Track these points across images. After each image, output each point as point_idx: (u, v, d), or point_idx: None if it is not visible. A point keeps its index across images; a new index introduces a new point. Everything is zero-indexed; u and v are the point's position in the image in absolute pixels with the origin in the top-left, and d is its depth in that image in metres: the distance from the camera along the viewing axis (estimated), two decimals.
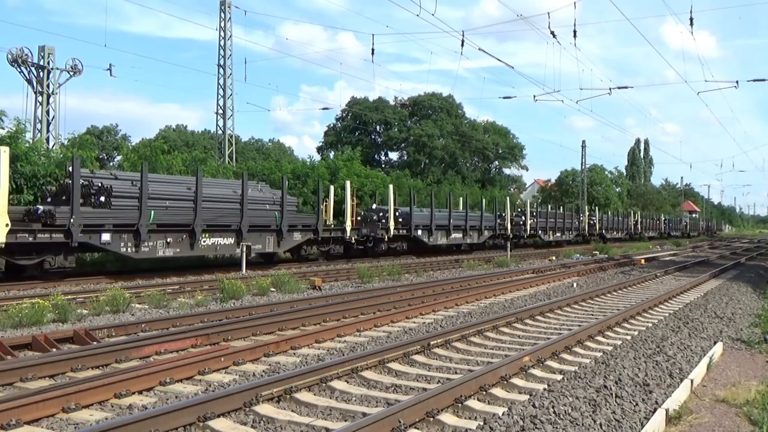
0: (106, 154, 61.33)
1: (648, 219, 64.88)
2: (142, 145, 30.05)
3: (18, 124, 19.16)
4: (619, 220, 56.42)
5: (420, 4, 17.34)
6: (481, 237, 33.04)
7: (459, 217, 31.11)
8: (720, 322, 11.33)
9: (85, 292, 13.05)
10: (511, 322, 10.57)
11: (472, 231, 31.98)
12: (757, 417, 5.79)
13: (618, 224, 55.08)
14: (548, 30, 21.59)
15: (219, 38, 32.14)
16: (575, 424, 5.38)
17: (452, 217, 29.95)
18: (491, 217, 34.53)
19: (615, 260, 28.04)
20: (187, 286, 14.91)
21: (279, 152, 74.88)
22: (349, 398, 6.23)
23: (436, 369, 7.54)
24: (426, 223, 27.91)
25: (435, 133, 64.39)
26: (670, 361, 7.88)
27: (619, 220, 56.62)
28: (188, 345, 8.40)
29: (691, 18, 20.84)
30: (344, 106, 66.80)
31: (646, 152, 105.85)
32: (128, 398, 6.05)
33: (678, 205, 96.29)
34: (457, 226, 30.62)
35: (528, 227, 38.07)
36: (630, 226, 58.66)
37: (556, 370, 7.48)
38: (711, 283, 18.74)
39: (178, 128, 73.91)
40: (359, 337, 9.45)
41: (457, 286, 15.91)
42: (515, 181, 79.00)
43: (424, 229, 27.88)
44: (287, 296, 13.99)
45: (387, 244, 25.64)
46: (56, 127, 25.06)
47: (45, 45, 24.65)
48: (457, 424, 5.42)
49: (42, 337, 8.28)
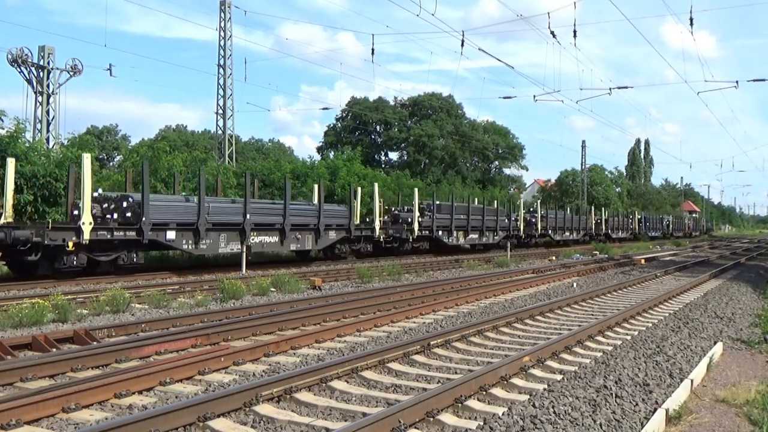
0: (106, 154, 61.39)
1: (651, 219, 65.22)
2: (143, 145, 30.06)
3: (18, 124, 19.18)
4: (623, 220, 57.29)
5: (420, 4, 17.37)
6: (496, 237, 34.61)
7: (476, 218, 32.58)
8: (720, 322, 11.33)
9: (85, 292, 13.06)
10: (511, 322, 10.57)
11: (487, 231, 33.61)
12: (757, 417, 5.78)
13: (623, 224, 55.86)
14: (548, 30, 21.62)
15: (219, 38, 32.20)
16: (575, 424, 5.38)
17: (470, 219, 31.64)
18: (505, 218, 36.17)
19: (615, 260, 28.03)
20: (187, 286, 14.91)
21: (279, 152, 74.94)
22: (349, 398, 6.23)
23: (436, 369, 7.54)
24: (446, 225, 29.57)
25: (435, 133, 64.40)
26: (670, 361, 7.88)
27: (624, 220, 57.57)
28: (188, 345, 8.40)
29: (691, 18, 20.87)
30: (344, 106, 66.96)
31: (646, 152, 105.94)
32: (128, 398, 6.05)
33: (678, 205, 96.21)
34: (474, 227, 32.26)
35: (539, 227, 39.76)
36: (634, 226, 59.21)
37: (556, 370, 7.48)
38: (711, 283, 18.74)
39: (178, 128, 73.98)
40: (359, 337, 9.45)
41: (457, 286, 15.91)
42: (515, 181, 78.98)
43: (444, 230, 29.59)
44: (287, 296, 13.99)
45: (411, 244, 27.44)
46: (56, 127, 25.13)
47: (45, 45, 24.72)
48: (457, 424, 5.42)
49: (42, 337, 8.28)
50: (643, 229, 59.83)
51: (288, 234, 20.80)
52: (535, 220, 39.91)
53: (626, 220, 57.47)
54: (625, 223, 56.52)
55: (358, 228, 24.27)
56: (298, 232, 21.42)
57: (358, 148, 44.47)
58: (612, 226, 53.06)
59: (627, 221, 57.27)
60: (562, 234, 43.12)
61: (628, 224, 57.53)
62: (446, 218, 29.58)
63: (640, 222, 60.17)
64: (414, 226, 27.10)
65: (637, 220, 59.36)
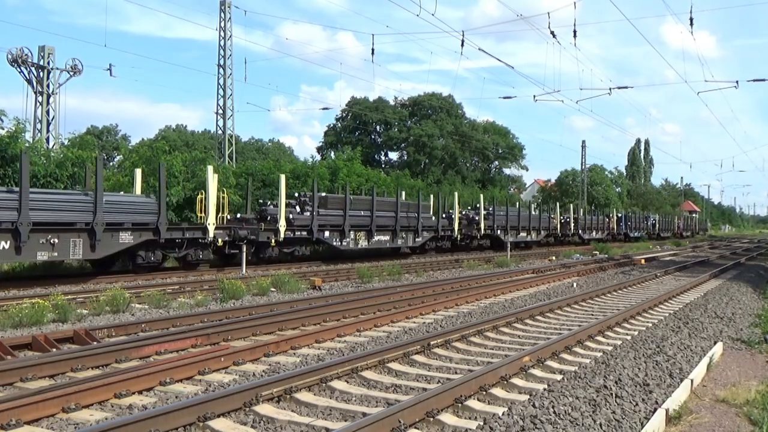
0: (106, 154, 61.35)
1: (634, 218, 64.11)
2: (143, 145, 30.04)
3: (18, 124, 19.16)
4: (640, 220, 57.90)
5: (420, 4, 17.35)
6: (539, 235, 38.97)
7: (525, 218, 37.32)
8: (720, 322, 11.33)
9: (85, 292, 13.06)
10: (511, 322, 10.57)
11: (533, 230, 37.95)
12: (757, 417, 5.78)
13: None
14: (548, 30, 21.60)
15: (219, 38, 32.18)
16: (575, 424, 5.38)
17: (520, 219, 36.36)
18: (546, 217, 40.86)
19: (615, 260, 28.03)
20: (187, 286, 14.91)
21: (279, 152, 74.96)
22: (349, 398, 6.23)
23: (436, 369, 7.54)
24: (503, 224, 34.20)
25: (435, 133, 64.41)
26: (670, 361, 7.88)
27: (641, 220, 58.27)
28: (188, 345, 8.40)
29: (691, 18, 20.87)
30: (344, 106, 66.95)
31: (646, 152, 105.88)
32: (128, 398, 6.05)
33: (678, 205, 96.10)
34: (524, 227, 36.86)
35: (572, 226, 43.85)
36: (649, 226, 59.25)
37: (556, 370, 7.48)
38: (711, 283, 18.74)
39: (178, 128, 74.00)
40: (359, 337, 9.45)
41: (457, 286, 15.91)
42: (515, 181, 79.00)
43: (502, 229, 34.17)
44: (287, 296, 13.99)
45: (477, 241, 32.53)
46: (56, 127, 25.09)
47: (45, 45, 24.68)
48: (457, 424, 5.42)
49: (42, 337, 8.28)
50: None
51: (399, 232, 25.94)
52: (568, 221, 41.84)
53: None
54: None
55: (443, 228, 29.54)
56: (405, 233, 26.61)
57: (358, 148, 44.47)
58: (630, 227, 52.60)
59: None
60: (590, 233, 44.57)
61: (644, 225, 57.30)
62: (503, 218, 34.37)
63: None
64: (480, 226, 31.96)
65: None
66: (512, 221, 35.16)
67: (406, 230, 26.63)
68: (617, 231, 51.36)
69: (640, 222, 58.28)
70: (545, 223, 39.94)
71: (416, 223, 27.01)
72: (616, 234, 52.54)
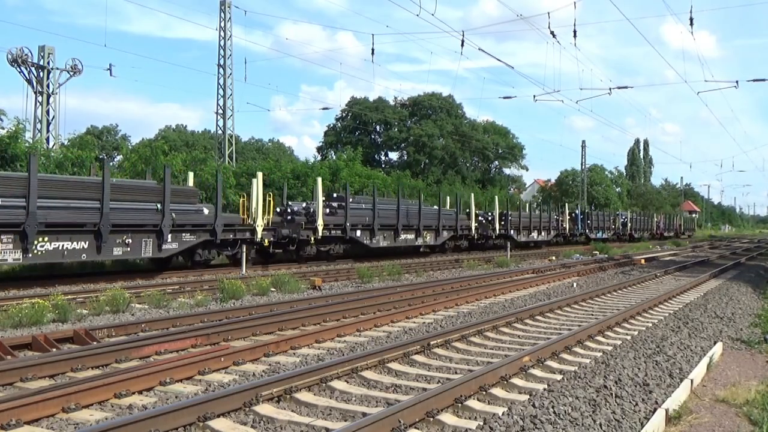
0: (106, 154, 61.30)
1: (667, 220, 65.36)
2: (142, 145, 30.05)
3: (18, 124, 19.18)
4: (645, 220, 58.58)
5: (420, 4, 17.31)
6: (549, 235, 40.27)
7: (536, 219, 38.74)
8: (720, 322, 11.33)
9: (85, 292, 13.06)
10: (511, 322, 10.57)
11: (543, 230, 39.26)
12: (757, 417, 5.78)
13: (644, 224, 56.85)
14: (548, 30, 21.59)
15: (219, 38, 32.22)
16: (575, 424, 5.38)
17: (531, 220, 37.85)
18: (555, 218, 42.34)
19: (615, 260, 28.03)
20: (187, 286, 14.91)
21: (279, 152, 74.87)
22: (349, 398, 6.23)
23: (436, 369, 7.54)
24: (517, 224, 35.70)
25: (435, 133, 64.40)
26: (670, 361, 7.88)
27: (646, 220, 58.94)
28: (188, 345, 8.40)
29: (691, 18, 20.85)
30: (344, 106, 66.92)
31: (646, 152, 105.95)
32: (128, 398, 6.05)
33: (678, 205, 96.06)
34: (535, 227, 38.14)
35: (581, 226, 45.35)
36: (653, 226, 59.60)
37: (556, 370, 7.48)
38: (711, 283, 18.74)
39: (178, 128, 73.92)
40: (359, 337, 9.45)
41: (457, 286, 15.91)
42: (515, 181, 79.00)
43: (515, 229, 35.61)
44: (287, 296, 13.99)
45: (492, 240, 34.05)
46: (56, 127, 25.11)
47: (45, 45, 24.70)
48: (457, 424, 5.42)
49: (42, 337, 8.28)
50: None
51: (422, 231, 27.26)
52: None
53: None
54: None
55: (462, 228, 31.02)
56: (427, 232, 27.95)
57: (359, 148, 44.47)
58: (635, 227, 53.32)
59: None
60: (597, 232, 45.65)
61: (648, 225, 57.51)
62: (516, 218, 35.73)
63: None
64: (496, 226, 33.66)
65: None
66: (524, 222, 36.70)
67: (428, 230, 28.23)
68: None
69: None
70: (554, 223, 41.55)
71: (437, 223, 28.58)
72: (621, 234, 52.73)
